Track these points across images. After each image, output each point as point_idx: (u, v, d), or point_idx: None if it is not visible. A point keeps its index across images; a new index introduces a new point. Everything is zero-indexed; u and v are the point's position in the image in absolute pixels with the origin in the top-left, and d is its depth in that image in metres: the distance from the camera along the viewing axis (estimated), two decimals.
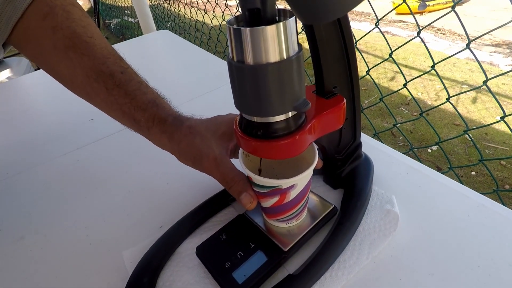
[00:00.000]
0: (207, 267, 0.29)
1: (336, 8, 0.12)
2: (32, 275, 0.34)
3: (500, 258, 0.28)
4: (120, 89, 0.33)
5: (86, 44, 0.33)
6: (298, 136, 0.23)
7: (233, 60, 0.21)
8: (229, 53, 0.22)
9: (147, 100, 0.33)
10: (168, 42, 1.03)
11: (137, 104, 0.33)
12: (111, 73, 0.33)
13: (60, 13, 0.33)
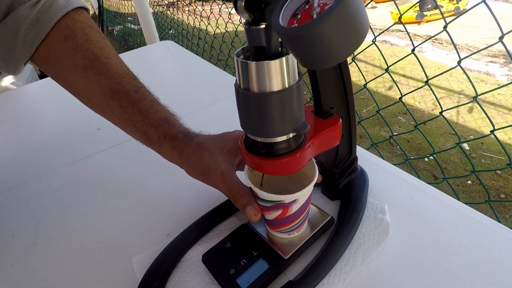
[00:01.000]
0: (213, 274, 0.31)
1: (334, 58, 0.14)
2: (46, 278, 0.36)
3: (485, 266, 0.30)
4: (134, 107, 0.35)
5: (103, 65, 0.36)
6: (298, 154, 0.26)
7: (240, 87, 0.24)
8: (236, 81, 0.24)
9: (159, 118, 0.36)
10: (172, 52, 1.06)
11: (150, 121, 0.35)
12: (126, 92, 0.36)
13: (80, 36, 0.36)
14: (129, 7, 4.27)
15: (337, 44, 0.14)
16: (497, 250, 0.31)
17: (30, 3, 0.35)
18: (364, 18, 0.14)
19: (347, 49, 0.14)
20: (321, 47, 0.14)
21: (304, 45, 0.14)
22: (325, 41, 0.13)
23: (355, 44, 0.14)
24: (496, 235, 0.33)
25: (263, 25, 0.20)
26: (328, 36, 0.13)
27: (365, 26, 0.14)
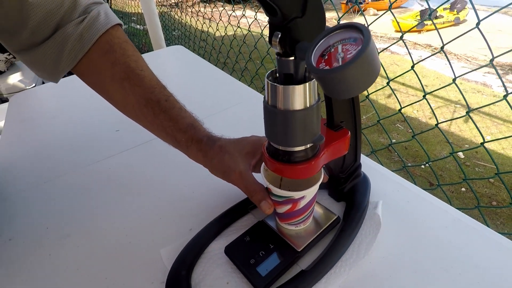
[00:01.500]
0: (235, 263, 0.36)
1: (353, 92, 0.19)
2: (81, 266, 0.40)
3: (469, 261, 0.35)
4: (165, 114, 0.40)
5: (138, 77, 0.41)
6: (313, 162, 0.30)
7: (268, 103, 0.29)
8: (265, 97, 0.29)
9: (186, 124, 0.41)
10: (181, 57, 1.11)
11: (179, 127, 0.40)
12: (158, 101, 0.41)
13: (118, 50, 0.41)
14: (134, 7, 4.30)
15: (356, 83, 0.18)
16: (480, 248, 0.36)
17: (77, 21, 0.40)
18: (377, 62, 0.19)
19: (364, 86, 0.19)
20: (344, 85, 0.19)
21: (331, 82, 0.19)
22: (347, 81, 0.18)
23: (370, 82, 0.19)
24: (480, 236, 0.38)
25: (292, 57, 0.25)
26: (350, 78, 0.18)
27: (378, 68, 0.19)
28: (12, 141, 0.70)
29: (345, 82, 0.18)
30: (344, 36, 0.20)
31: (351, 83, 0.18)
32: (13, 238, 0.46)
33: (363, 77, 0.18)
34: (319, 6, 0.23)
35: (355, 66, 0.17)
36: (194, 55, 1.10)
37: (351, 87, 0.19)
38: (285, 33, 0.23)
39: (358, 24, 0.19)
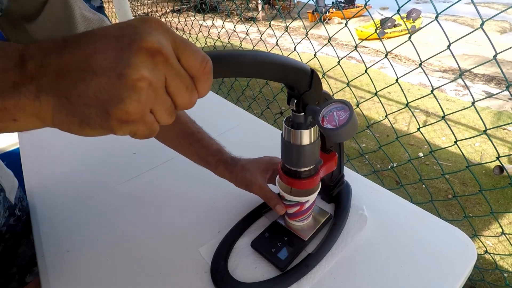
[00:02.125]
0: (260, 253, 0.49)
1: (345, 139, 0.33)
2: (135, 267, 0.51)
3: (421, 240, 0.50)
4: (199, 143, 0.53)
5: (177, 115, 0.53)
6: (315, 177, 0.45)
7: (285, 139, 0.42)
8: (282, 134, 0.43)
9: (215, 149, 0.54)
10: None
11: (209, 152, 0.53)
12: (192, 133, 0.53)
13: None
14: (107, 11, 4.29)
15: (346, 135, 0.33)
16: (428, 230, 0.52)
17: None
18: (357, 122, 0.34)
19: (350, 136, 0.33)
20: (340, 136, 0.33)
21: (332, 135, 0.33)
22: (341, 135, 0.33)
23: (353, 134, 0.33)
24: (429, 222, 0.54)
25: (302, 113, 0.39)
26: (343, 133, 0.32)
27: (357, 125, 0.34)
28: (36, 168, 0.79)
29: (340, 135, 0.33)
30: (337, 106, 0.35)
31: (343, 135, 0.33)
32: (71, 250, 0.56)
33: (350, 132, 0.33)
34: (318, 84, 0.38)
35: (346, 127, 0.32)
36: None
37: (343, 137, 0.33)
38: (299, 100, 0.38)
39: (345, 101, 0.34)
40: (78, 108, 0.21)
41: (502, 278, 1.33)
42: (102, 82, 0.20)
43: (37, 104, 0.21)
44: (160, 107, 0.22)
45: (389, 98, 2.91)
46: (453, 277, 0.45)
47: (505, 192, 1.90)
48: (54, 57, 0.20)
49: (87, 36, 0.21)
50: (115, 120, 0.21)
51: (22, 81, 0.20)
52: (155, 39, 0.21)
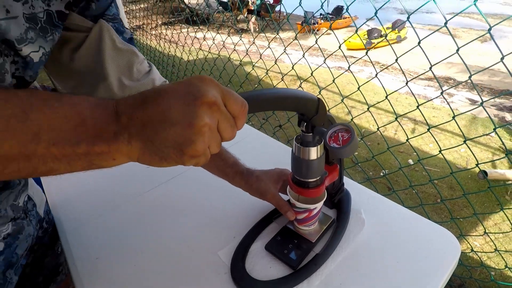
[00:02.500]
0: (274, 254, 0.56)
1: (348, 156, 0.41)
2: (162, 270, 0.57)
3: (415, 240, 0.58)
4: (218, 157, 0.60)
5: None
6: (321, 187, 0.52)
7: (295, 154, 0.50)
8: (293, 150, 0.50)
9: (232, 162, 0.61)
10: None
11: (227, 164, 0.60)
12: None
13: None
14: None
15: (349, 153, 0.40)
16: (418, 230, 0.60)
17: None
18: (357, 142, 0.41)
19: (351, 154, 0.41)
20: (344, 154, 0.41)
21: (337, 153, 0.41)
22: (345, 152, 0.40)
23: (355, 151, 0.41)
24: (419, 223, 0.62)
25: (311, 134, 0.47)
26: (346, 151, 0.40)
27: (357, 144, 0.41)
28: (56, 183, 0.84)
29: (344, 153, 0.40)
30: (341, 128, 0.43)
31: (347, 153, 0.41)
32: (99, 257, 0.62)
33: (352, 150, 0.41)
34: (323, 109, 0.45)
35: (349, 146, 0.40)
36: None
37: (346, 154, 0.41)
38: (308, 123, 0.45)
39: (347, 124, 0.42)
40: (160, 148, 0.28)
41: (489, 275, 1.42)
42: (177, 130, 0.27)
43: (129, 147, 0.28)
44: (214, 143, 0.30)
45: (378, 107, 3.03)
46: (442, 268, 0.53)
47: (490, 195, 2.00)
48: (140, 112, 0.28)
49: (160, 94, 0.28)
50: (187, 156, 0.28)
51: (120, 130, 0.28)
52: (211, 94, 0.28)
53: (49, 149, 0.26)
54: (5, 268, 0.49)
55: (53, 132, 0.26)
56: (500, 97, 4.00)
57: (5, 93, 0.25)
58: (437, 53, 6.15)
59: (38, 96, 0.27)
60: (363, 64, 5.65)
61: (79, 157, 0.27)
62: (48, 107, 0.26)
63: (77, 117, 0.27)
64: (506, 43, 7.99)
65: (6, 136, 0.24)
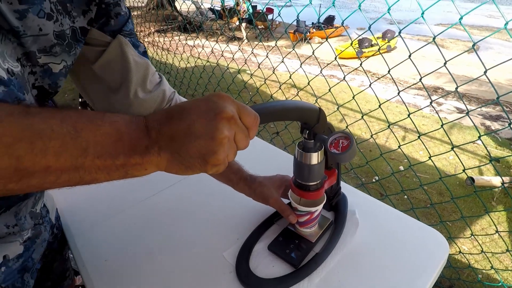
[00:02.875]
0: (276, 254, 0.59)
1: (347, 161, 0.45)
2: (170, 271, 0.60)
3: (407, 240, 0.62)
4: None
5: None
6: (321, 190, 0.56)
7: (297, 159, 0.54)
8: (295, 155, 0.54)
9: (235, 168, 0.64)
10: None
11: (231, 171, 0.63)
12: None
13: None
14: None
15: (348, 158, 0.45)
16: (410, 231, 0.64)
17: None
18: (356, 148, 0.46)
19: (351, 159, 0.45)
20: (344, 159, 0.45)
21: (338, 158, 0.45)
22: (345, 158, 0.44)
23: (354, 156, 0.45)
24: (411, 225, 0.66)
25: (312, 140, 0.51)
26: (346, 157, 0.44)
27: (356, 150, 0.46)
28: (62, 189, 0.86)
29: (344, 158, 0.45)
30: (340, 135, 0.47)
31: (346, 158, 0.45)
32: (108, 259, 0.64)
33: (351, 156, 0.45)
34: (324, 118, 0.50)
35: (349, 152, 0.44)
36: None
37: (346, 160, 0.45)
38: (310, 131, 0.49)
39: (347, 132, 0.46)
40: (185, 159, 0.32)
41: (476, 277, 1.48)
42: (201, 142, 0.32)
43: (159, 158, 0.32)
44: (232, 152, 0.34)
45: (370, 115, 3.11)
46: (432, 265, 0.57)
47: (477, 202, 2.08)
48: (167, 127, 0.32)
49: (184, 110, 0.33)
50: (210, 165, 0.32)
51: (151, 144, 0.32)
52: (229, 110, 0.33)
53: (94, 161, 0.30)
54: (23, 272, 0.52)
55: (98, 147, 0.30)
56: (486, 107, 4.14)
57: (60, 114, 0.29)
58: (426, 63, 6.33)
59: (86, 116, 0.31)
60: (355, 73, 5.77)
61: (117, 167, 0.31)
62: (94, 125, 0.30)
63: (116, 134, 0.31)
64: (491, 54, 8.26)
65: (62, 150, 0.28)
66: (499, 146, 2.88)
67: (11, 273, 0.49)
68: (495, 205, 2.10)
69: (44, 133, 0.27)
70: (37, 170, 0.27)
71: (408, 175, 2.21)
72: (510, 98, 4.42)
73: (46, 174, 0.28)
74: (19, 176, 0.27)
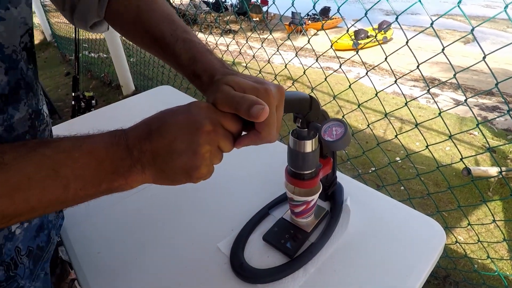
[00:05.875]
0: (271, 244, 0.58)
1: (341, 149, 0.44)
2: (165, 262, 0.59)
3: (403, 229, 0.62)
4: (169, 49, 0.42)
5: (147, 13, 0.44)
6: (316, 179, 0.55)
7: (291, 147, 0.53)
8: (289, 143, 0.53)
9: (188, 58, 0.41)
10: (170, 97, 1.29)
11: (181, 62, 0.42)
12: (163, 36, 0.42)
13: None
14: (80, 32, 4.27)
15: (342, 146, 0.44)
16: (406, 220, 0.64)
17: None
18: (350, 136, 0.44)
19: (345, 146, 0.44)
20: (337, 147, 0.44)
21: (331, 145, 0.44)
22: (338, 145, 0.43)
23: (347, 145, 0.44)
24: (407, 213, 0.65)
25: (306, 129, 0.50)
26: (339, 144, 0.43)
27: (350, 138, 0.44)
28: None
29: (337, 146, 0.44)
30: (334, 123, 0.46)
31: (340, 146, 0.44)
32: (101, 252, 0.63)
33: (345, 143, 0.44)
34: (316, 105, 0.48)
35: (342, 140, 0.43)
36: (183, 94, 1.28)
37: (340, 147, 0.44)
38: (304, 119, 0.48)
39: (341, 119, 0.45)
40: (170, 175, 0.33)
41: (472, 267, 1.49)
42: (184, 159, 0.32)
43: (143, 175, 0.33)
44: (216, 159, 0.35)
45: (366, 106, 3.10)
46: (428, 253, 0.56)
47: (474, 191, 2.08)
48: (147, 145, 0.32)
49: (164, 125, 0.33)
50: (194, 178, 0.34)
51: (133, 163, 0.32)
52: (209, 122, 0.33)
53: (77, 193, 0.31)
54: (48, 230, 0.52)
55: (78, 181, 0.31)
56: (483, 98, 4.14)
57: (36, 157, 0.30)
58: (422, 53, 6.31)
59: (62, 150, 0.31)
60: (351, 65, 5.75)
61: (102, 192, 0.33)
62: (72, 159, 0.30)
63: (95, 162, 0.31)
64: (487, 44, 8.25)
65: (42, 194, 0.29)
66: (495, 136, 2.89)
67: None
68: (491, 195, 2.11)
69: (21, 185, 0.28)
70: (23, 213, 0.29)
71: (404, 166, 2.22)
72: (507, 89, 4.42)
73: (32, 213, 0.30)
74: (6, 220, 0.29)
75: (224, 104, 0.34)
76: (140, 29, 0.44)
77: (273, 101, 0.34)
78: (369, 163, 2.22)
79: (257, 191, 0.72)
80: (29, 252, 0.47)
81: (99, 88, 3.65)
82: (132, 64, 3.68)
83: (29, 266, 0.47)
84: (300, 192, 0.58)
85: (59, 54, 4.99)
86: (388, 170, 2.15)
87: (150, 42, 0.44)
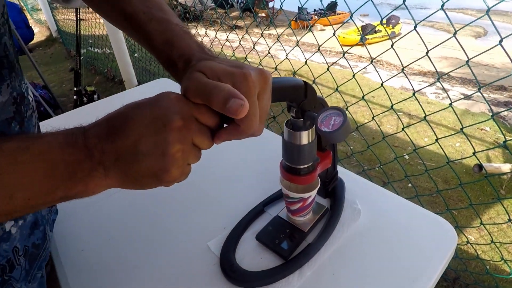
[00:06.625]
0: (265, 244, 0.54)
1: (339, 141, 0.39)
2: (151, 261, 0.55)
3: (410, 229, 0.57)
4: (141, 29, 0.36)
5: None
6: (313, 173, 0.50)
7: (285, 139, 0.48)
8: (283, 135, 0.48)
9: (162, 41, 0.36)
10: (167, 90, 1.26)
11: (154, 44, 0.37)
12: (135, 14, 0.37)
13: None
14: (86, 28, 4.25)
15: (340, 137, 0.39)
16: (413, 219, 0.58)
17: None
18: (350, 126, 0.39)
19: (343, 138, 0.39)
20: (335, 138, 0.39)
21: (328, 137, 0.39)
22: (336, 137, 0.38)
23: (346, 136, 0.39)
24: (414, 212, 0.60)
25: (301, 119, 0.45)
26: (337, 136, 0.38)
27: (350, 128, 0.39)
28: None
29: (335, 137, 0.38)
30: (332, 112, 0.41)
31: (338, 137, 0.39)
32: (85, 249, 0.59)
33: (344, 135, 0.39)
34: (312, 92, 0.43)
35: (341, 130, 0.38)
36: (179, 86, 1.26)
37: (338, 139, 0.39)
38: (299, 108, 0.43)
39: (339, 107, 0.40)
40: (137, 179, 0.28)
41: (484, 269, 1.42)
42: (151, 160, 0.27)
43: (107, 180, 0.28)
44: (192, 157, 0.30)
45: (373, 102, 3.03)
46: (438, 257, 0.51)
47: (485, 189, 2.01)
48: (110, 144, 0.27)
49: (127, 121, 0.28)
50: (165, 182, 0.29)
51: (94, 167, 0.27)
52: (179, 117, 0.27)
53: (27, 203, 0.26)
54: (43, 226, 0.49)
55: (26, 190, 0.26)
56: (494, 93, 4.02)
57: None
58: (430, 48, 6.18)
59: (5, 152, 0.25)
60: (358, 60, 5.64)
61: (59, 200, 0.28)
62: (16, 164, 0.25)
63: (47, 167, 0.26)
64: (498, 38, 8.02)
65: None
66: (508, 132, 2.79)
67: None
68: (504, 193, 2.03)
69: None
70: None
71: (412, 163, 2.15)
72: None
73: None
74: None
75: (195, 95, 0.29)
76: (112, 4, 0.40)
77: (253, 89, 0.29)
78: (375, 160, 2.15)
79: (253, 186, 0.68)
80: (25, 251, 0.43)
81: (102, 83, 3.63)
82: (136, 59, 3.66)
83: (25, 266, 0.43)
84: (296, 189, 0.53)
85: (64, 50, 5.00)
86: (395, 166, 2.08)
87: (121, 19, 0.39)
